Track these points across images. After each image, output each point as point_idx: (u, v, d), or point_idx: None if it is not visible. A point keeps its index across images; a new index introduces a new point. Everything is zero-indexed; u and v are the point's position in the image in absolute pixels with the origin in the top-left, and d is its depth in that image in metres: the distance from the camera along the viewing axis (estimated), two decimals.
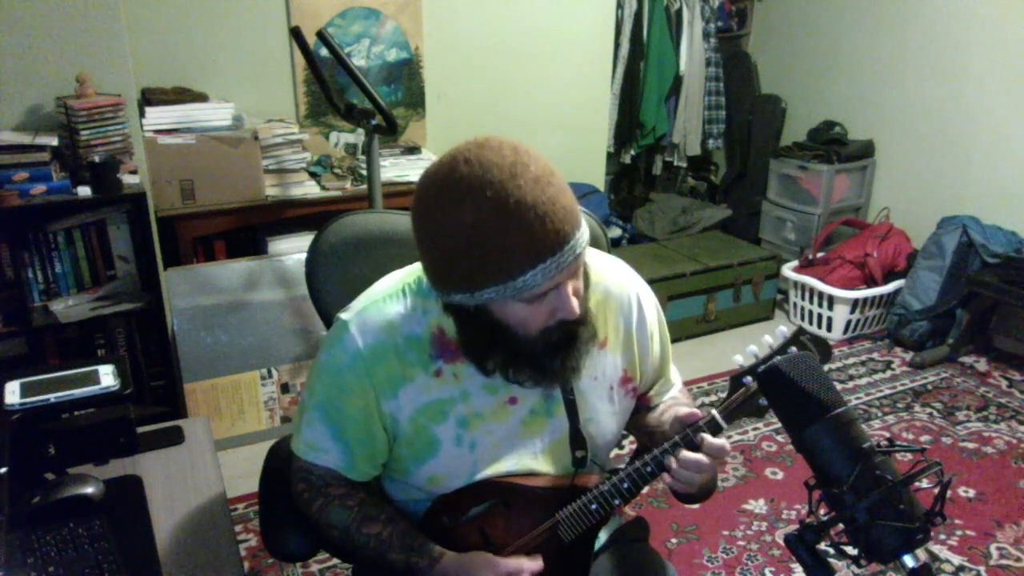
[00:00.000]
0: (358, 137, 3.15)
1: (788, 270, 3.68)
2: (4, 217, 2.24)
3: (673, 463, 1.07)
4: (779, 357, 1.08)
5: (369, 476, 1.17)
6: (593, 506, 1.12)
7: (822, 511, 0.87)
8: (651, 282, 1.34)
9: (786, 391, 0.89)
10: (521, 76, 3.49)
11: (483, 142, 0.96)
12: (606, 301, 1.18)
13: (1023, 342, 3.34)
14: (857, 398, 3.03)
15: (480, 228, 0.92)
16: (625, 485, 1.11)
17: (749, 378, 1.11)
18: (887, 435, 2.77)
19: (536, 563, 1.06)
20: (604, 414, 1.19)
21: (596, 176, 3.88)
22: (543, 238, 0.92)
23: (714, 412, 1.10)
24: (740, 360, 1.12)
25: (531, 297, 0.97)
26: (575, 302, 1.00)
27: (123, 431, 1.24)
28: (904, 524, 0.82)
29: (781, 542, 2.23)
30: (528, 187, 0.92)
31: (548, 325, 1.01)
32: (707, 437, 1.07)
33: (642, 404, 1.29)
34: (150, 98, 2.64)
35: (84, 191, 2.28)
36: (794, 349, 1.11)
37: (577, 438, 1.16)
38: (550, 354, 1.04)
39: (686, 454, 1.06)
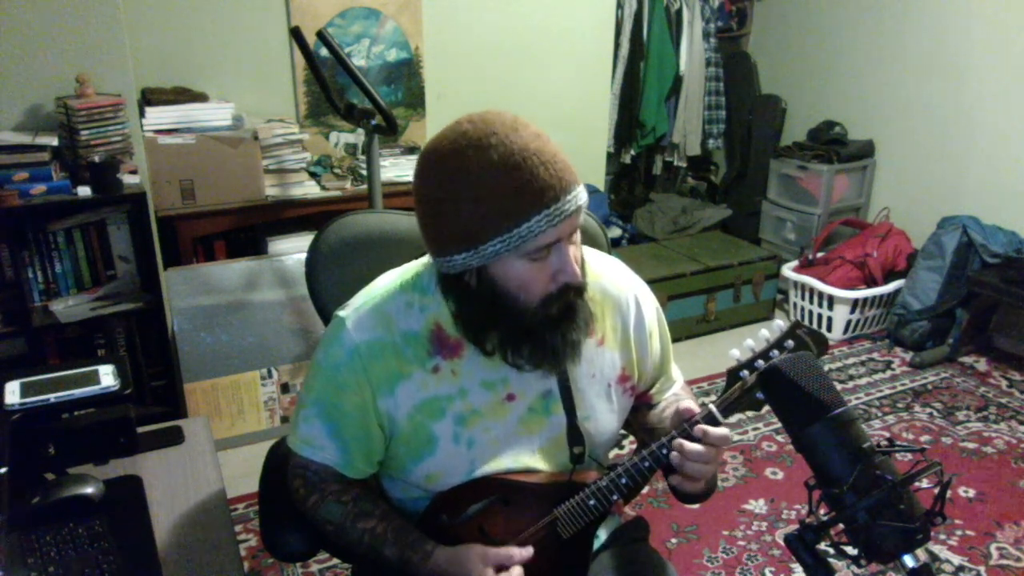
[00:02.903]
0: (358, 137, 3.15)
1: (788, 270, 3.68)
2: (4, 217, 2.24)
3: (677, 457, 1.07)
4: (779, 357, 1.08)
5: (365, 474, 1.17)
6: (591, 502, 1.12)
7: (822, 511, 0.87)
8: (651, 282, 1.35)
9: (786, 391, 0.89)
10: (521, 76, 3.49)
11: (483, 111, 1.03)
12: (604, 300, 1.19)
13: (1023, 342, 3.34)
14: (857, 398, 3.03)
15: (485, 176, 0.96)
16: (623, 480, 1.11)
17: (746, 372, 1.11)
18: (887, 435, 2.77)
19: (526, 551, 1.06)
20: (602, 412, 1.19)
21: (596, 176, 3.88)
22: (547, 183, 0.96)
23: (711, 406, 1.10)
24: (737, 354, 1.13)
25: (534, 250, 0.99)
26: (576, 265, 1.02)
27: (123, 431, 1.24)
28: (904, 524, 0.82)
29: (781, 542, 2.23)
30: (530, 138, 0.98)
31: (549, 292, 1.02)
32: (708, 428, 1.07)
33: (643, 402, 1.29)
34: (150, 98, 2.64)
35: (84, 191, 2.28)
36: (791, 343, 1.11)
37: (575, 434, 1.16)
38: (550, 328, 1.04)
39: (688, 445, 1.06)
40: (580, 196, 1.00)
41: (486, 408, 1.12)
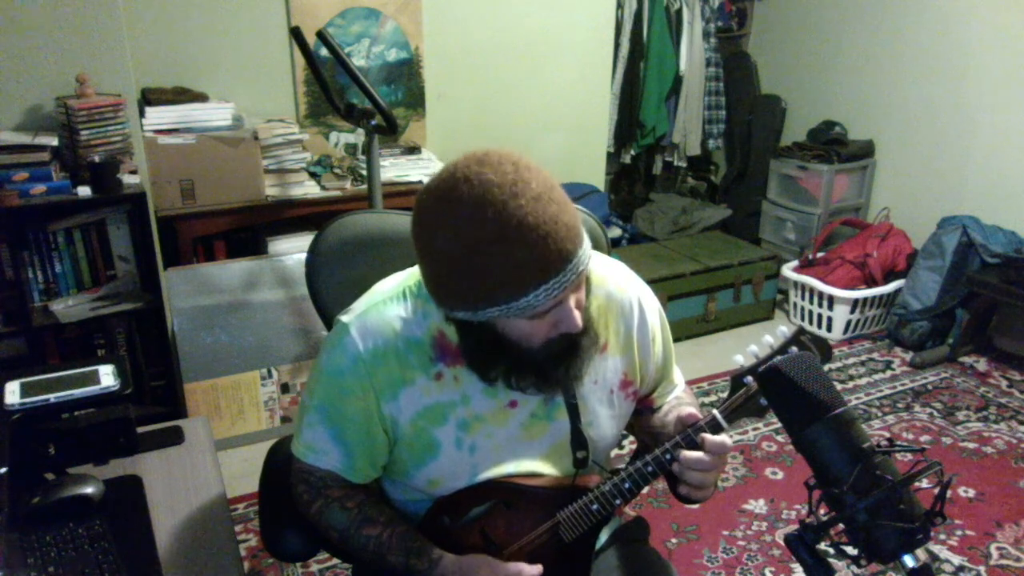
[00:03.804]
0: (358, 137, 3.15)
1: (788, 270, 3.68)
2: (4, 217, 2.24)
3: (679, 468, 1.07)
4: (779, 357, 1.08)
5: (369, 478, 1.17)
6: (594, 506, 1.12)
7: (822, 511, 0.87)
8: (651, 282, 1.34)
9: (786, 391, 0.89)
10: (521, 76, 3.49)
11: (482, 158, 0.94)
12: (607, 305, 1.18)
13: (1023, 342, 3.34)
14: (857, 398, 3.03)
15: (482, 250, 0.91)
16: (626, 485, 1.11)
17: (750, 378, 1.11)
18: (887, 435, 2.77)
19: (535, 569, 1.06)
20: (604, 418, 1.19)
21: (596, 176, 3.88)
22: (546, 258, 0.91)
23: (715, 412, 1.10)
24: (741, 360, 1.12)
25: (534, 315, 0.97)
26: (578, 316, 1.00)
27: (123, 431, 1.24)
28: (904, 524, 0.82)
29: (781, 542, 2.23)
30: (530, 207, 0.90)
31: (551, 337, 1.02)
32: (707, 436, 1.07)
33: (645, 406, 1.29)
34: (150, 98, 2.64)
35: (84, 191, 2.28)
36: (795, 349, 1.11)
37: (578, 438, 1.16)
38: (553, 363, 1.04)
39: (688, 454, 1.06)
40: (583, 260, 0.95)
41: (488, 414, 1.12)
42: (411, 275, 1.15)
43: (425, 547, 1.09)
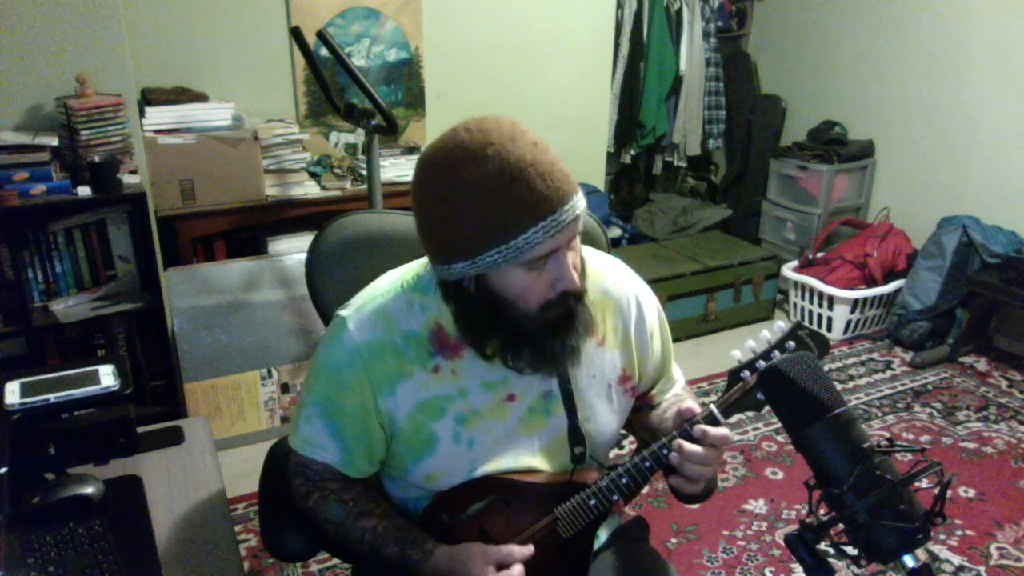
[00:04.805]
0: (358, 137, 3.15)
1: (788, 270, 3.68)
2: (4, 217, 2.24)
3: (676, 458, 1.07)
4: (779, 357, 1.08)
5: (366, 473, 1.17)
6: (592, 502, 1.12)
7: (822, 511, 0.87)
8: (651, 282, 1.35)
9: (786, 391, 0.89)
10: (521, 76, 3.49)
11: (481, 117, 1.01)
12: (605, 301, 1.19)
13: (1023, 342, 3.34)
14: (857, 398, 3.03)
15: (482, 187, 0.95)
16: (624, 480, 1.11)
17: (747, 372, 1.11)
18: (887, 435, 2.77)
19: (526, 549, 1.07)
20: (602, 412, 1.19)
21: (596, 176, 3.88)
22: (543, 195, 0.95)
23: (712, 407, 1.10)
24: (738, 355, 1.13)
25: (532, 260, 0.98)
26: (574, 272, 1.02)
27: (123, 431, 1.24)
28: (904, 524, 0.82)
29: (781, 542, 2.23)
30: (528, 149, 0.96)
31: (548, 299, 1.03)
32: (707, 428, 1.07)
33: (645, 402, 1.29)
34: (150, 98, 2.64)
35: (84, 191, 2.28)
36: (792, 344, 1.11)
37: (576, 433, 1.16)
38: (549, 333, 1.04)
39: (687, 446, 1.06)
40: (578, 205, 0.99)
41: (486, 408, 1.12)
42: (409, 270, 1.15)
43: (420, 538, 1.09)
